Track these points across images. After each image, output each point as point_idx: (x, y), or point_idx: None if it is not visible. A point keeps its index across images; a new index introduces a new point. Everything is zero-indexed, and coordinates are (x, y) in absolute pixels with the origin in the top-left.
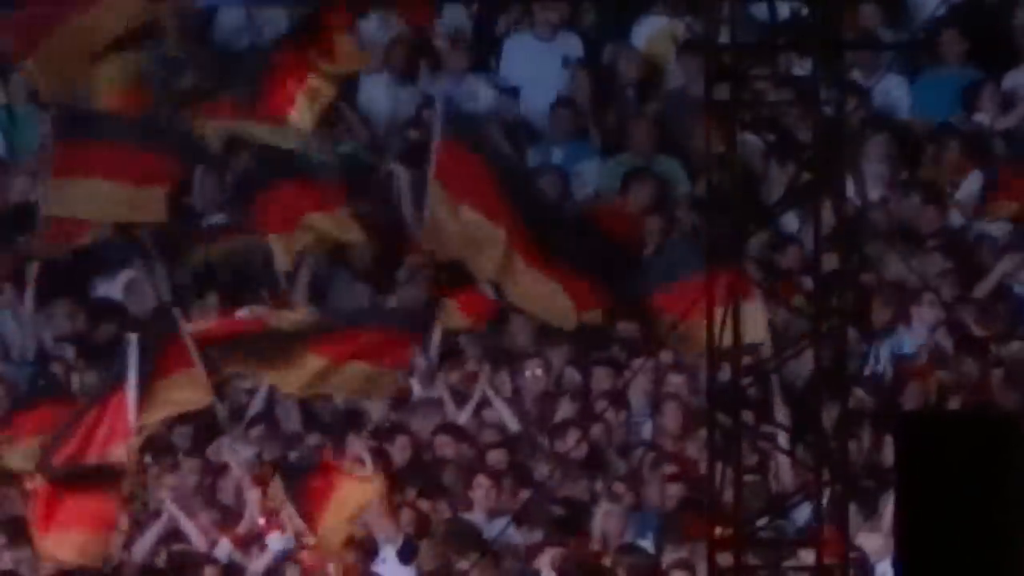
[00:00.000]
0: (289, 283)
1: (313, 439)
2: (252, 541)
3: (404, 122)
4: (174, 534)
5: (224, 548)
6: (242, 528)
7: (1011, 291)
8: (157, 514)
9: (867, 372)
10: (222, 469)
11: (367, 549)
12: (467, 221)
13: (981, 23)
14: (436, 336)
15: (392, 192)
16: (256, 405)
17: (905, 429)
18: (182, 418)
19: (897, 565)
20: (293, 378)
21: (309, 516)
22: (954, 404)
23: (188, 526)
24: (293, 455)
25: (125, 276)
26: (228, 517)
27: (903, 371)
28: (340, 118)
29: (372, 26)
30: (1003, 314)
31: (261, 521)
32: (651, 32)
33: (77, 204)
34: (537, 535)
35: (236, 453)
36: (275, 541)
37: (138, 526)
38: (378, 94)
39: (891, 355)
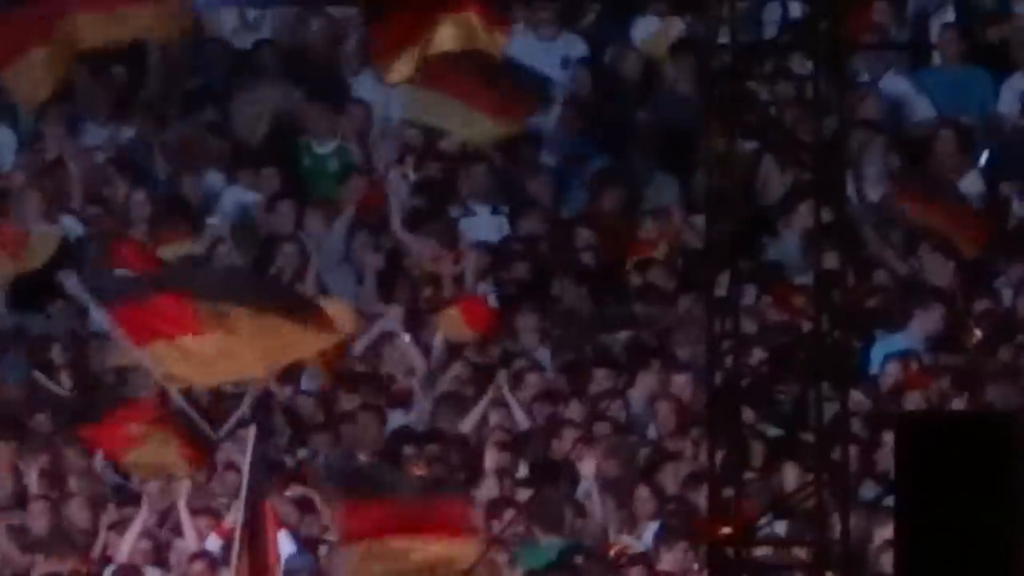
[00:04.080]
0: None
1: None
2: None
3: (400, 123)
4: (156, 531)
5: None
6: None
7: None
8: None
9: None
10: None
11: None
12: None
13: (981, 23)
14: (438, 342)
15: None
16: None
17: (905, 429)
18: None
19: (898, 565)
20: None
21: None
22: (954, 405)
23: (187, 524)
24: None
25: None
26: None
27: (902, 372)
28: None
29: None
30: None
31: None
32: (648, 32)
33: None
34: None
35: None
36: (281, 540)
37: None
38: (375, 94)
39: (891, 355)
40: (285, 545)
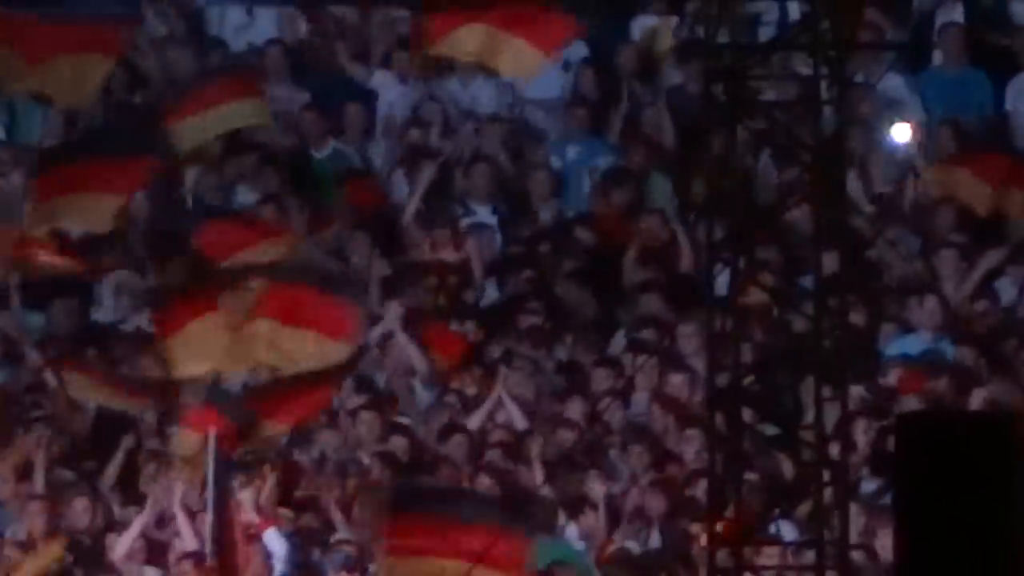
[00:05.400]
0: None
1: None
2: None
3: (403, 122)
4: (157, 529)
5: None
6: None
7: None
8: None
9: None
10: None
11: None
12: None
13: (981, 23)
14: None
15: (389, 192)
16: None
17: (905, 429)
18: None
19: (898, 565)
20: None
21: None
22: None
23: (184, 524)
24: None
25: (114, 278)
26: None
27: (905, 372)
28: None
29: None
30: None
31: (255, 519)
32: (648, 33)
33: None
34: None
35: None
36: (271, 538)
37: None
38: (383, 91)
39: (891, 358)
40: (276, 545)
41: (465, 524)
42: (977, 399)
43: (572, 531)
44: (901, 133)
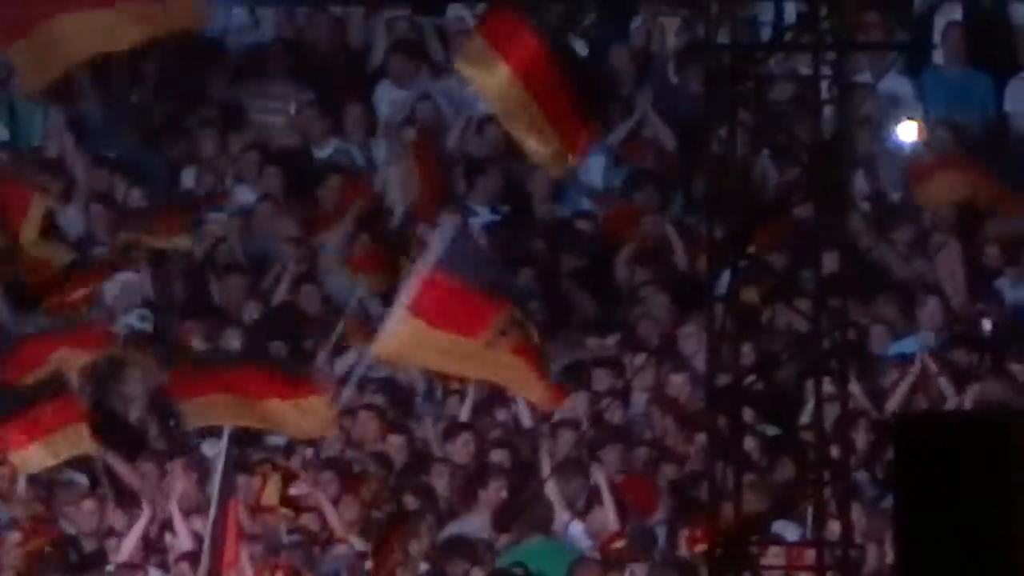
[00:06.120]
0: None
1: None
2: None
3: (403, 122)
4: (158, 532)
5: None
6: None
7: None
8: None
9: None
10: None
11: None
12: None
13: (981, 23)
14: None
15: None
16: None
17: (904, 430)
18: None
19: (898, 565)
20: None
21: None
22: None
23: (180, 525)
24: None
25: (121, 277)
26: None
27: (904, 373)
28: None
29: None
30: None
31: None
32: (647, 33)
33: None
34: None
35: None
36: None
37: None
38: (383, 95)
39: (891, 358)
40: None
41: None
42: (973, 399)
43: (577, 530)
44: (907, 132)
